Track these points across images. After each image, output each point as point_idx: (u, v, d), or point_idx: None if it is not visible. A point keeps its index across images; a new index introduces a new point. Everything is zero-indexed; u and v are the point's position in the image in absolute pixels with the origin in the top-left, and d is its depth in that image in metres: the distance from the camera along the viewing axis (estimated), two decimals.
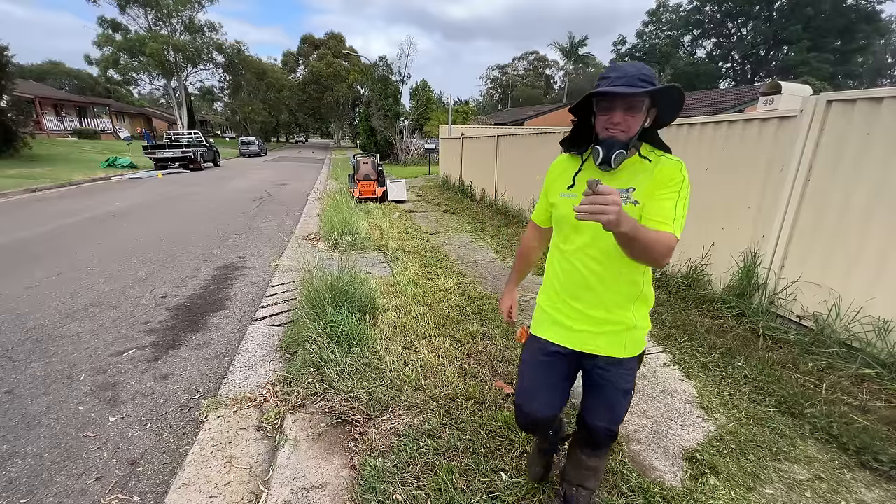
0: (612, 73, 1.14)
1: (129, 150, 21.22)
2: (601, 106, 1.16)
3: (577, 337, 1.35)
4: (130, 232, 6.38)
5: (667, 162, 1.18)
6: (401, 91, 25.82)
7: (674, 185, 1.14)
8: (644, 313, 1.33)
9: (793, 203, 3.09)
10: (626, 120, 1.13)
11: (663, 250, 1.07)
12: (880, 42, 36.10)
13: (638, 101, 1.12)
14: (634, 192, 1.18)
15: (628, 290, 1.28)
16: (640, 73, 1.09)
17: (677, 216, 1.12)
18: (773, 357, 2.75)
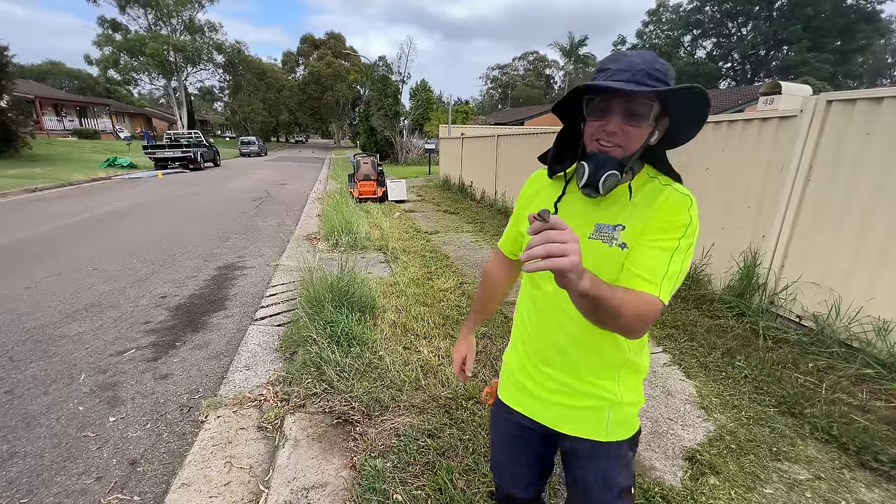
0: (613, 63, 0.82)
1: (129, 150, 21.22)
2: (594, 107, 0.84)
3: (547, 411, 1.03)
4: (130, 232, 6.38)
5: (672, 195, 0.85)
6: (401, 91, 25.83)
7: (675, 229, 0.82)
8: (633, 385, 1.01)
9: (793, 203, 3.09)
10: (624, 130, 0.81)
11: (636, 319, 0.76)
12: (880, 42, 36.09)
13: (643, 105, 0.80)
14: (623, 230, 0.87)
15: (611, 354, 0.95)
16: (652, 68, 0.78)
17: (669, 274, 0.80)
18: (773, 357, 2.75)
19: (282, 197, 10.44)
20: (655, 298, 0.80)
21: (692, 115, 0.84)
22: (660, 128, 0.86)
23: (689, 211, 0.84)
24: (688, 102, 0.81)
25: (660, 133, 0.87)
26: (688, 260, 0.84)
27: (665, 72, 0.80)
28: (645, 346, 1.03)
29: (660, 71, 0.79)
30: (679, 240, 0.83)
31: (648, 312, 0.79)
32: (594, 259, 0.87)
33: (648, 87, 0.77)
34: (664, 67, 0.81)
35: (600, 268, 0.85)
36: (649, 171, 0.92)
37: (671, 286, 0.82)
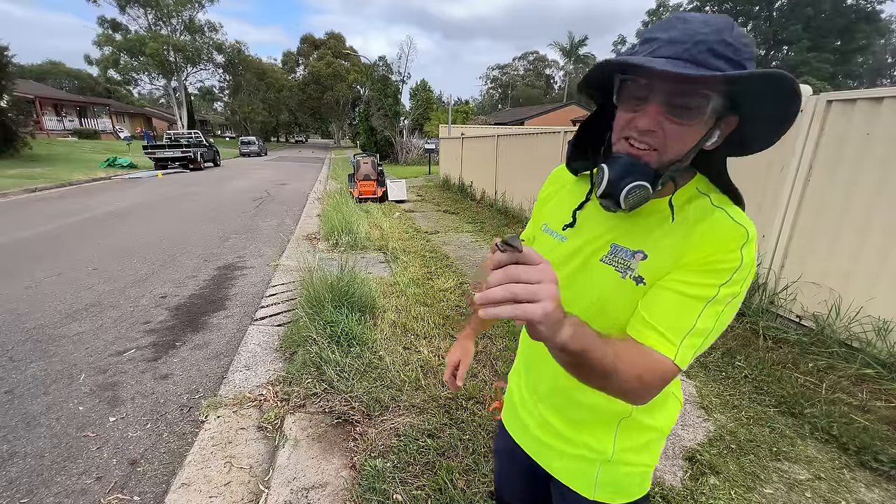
0: (663, 31, 0.58)
1: (129, 150, 21.21)
2: (626, 92, 0.62)
3: (537, 448, 0.89)
4: (130, 232, 6.38)
5: (721, 223, 0.63)
6: (401, 91, 25.83)
7: (717, 271, 0.61)
8: (638, 444, 0.80)
9: (793, 203, 3.09)
10: (665, 128, 0.59)
11: (636, 383, 0.58)
12: (880, 42, 36.11)
13: (698, 96, 0.57)
14: (644, 260, 0.67)
15: (607, 405, 0.74)
16: (719, 40, 0.54)
17: (695, 331, 0.61)
18: (773, 357, 2.75)
19: (282, 197, 10.44)
20: (668, 361, 0.60)
21: (773, 111, 0.59)
22: (723, 127, 0.62)
23: (742, 249, 0.60)
24: (768, 94, 0.56)
25: (722, 134, 0.62)
26: (728, 317, 0.62)
27: (740, 47, 0.55)
28: (666, 401, 0.81)
29: (731, 46, 0.54)
30: (719, 287, 0.60)
31: (654, 378, 0.60)
32: (599, 290, 0.71)
33: (709, 71, 0.53)
34: (739, 40, 0.55)
35: (605, 303, 0.70)
36: (700, 183, 0.69)
37: (695, 348, 0.61)
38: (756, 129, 0.63)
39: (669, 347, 0.60)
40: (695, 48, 0.54)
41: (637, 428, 0.79)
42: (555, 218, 0.81)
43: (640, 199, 0.63)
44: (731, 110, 0.61)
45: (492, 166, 8.80)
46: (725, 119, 0.61)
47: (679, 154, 0.61)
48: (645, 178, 0.61)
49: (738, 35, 0.56)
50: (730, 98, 0.59)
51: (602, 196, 0.66)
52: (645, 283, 0.66)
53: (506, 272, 0.47)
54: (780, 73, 0.52)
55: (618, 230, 0.71)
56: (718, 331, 0.63)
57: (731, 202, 0.67)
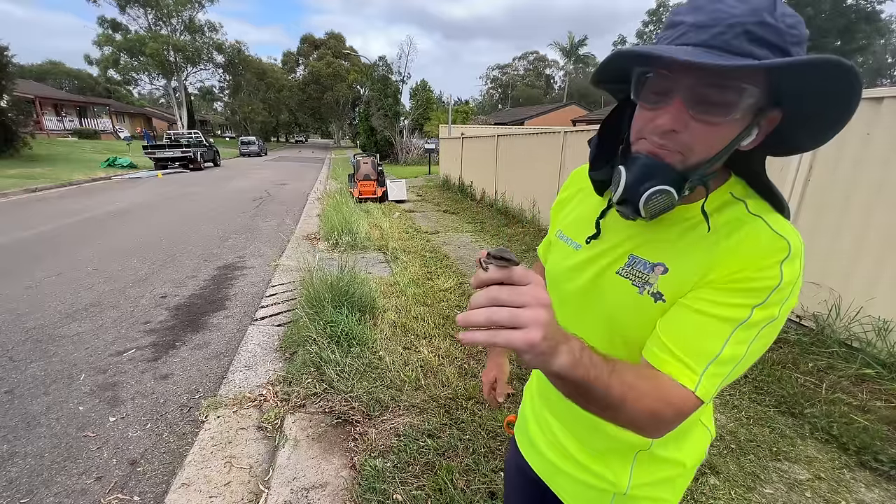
0: (690, 14, 0.50)
1: (129, 150, 21.22)
2: (646, 87, 0.55)
3: (546, 469, 0.83)
4: (130, 232, 6.38)
5: (759, 234, 0.54)
6: (401, 91, 25.84)
7: (751, 291, 0.52)
8: (657, 479, 0.72)
9: (793, 203, 3.09)
10: (689, 126, 0.52)
11: (649, 417, 0.51)
12: (880, 42, 36.12)
13: (730, 88, 0.49)
14: (666, 274, 0.59)
15: (625, 436, 0.63)
16: (758, 21, 0.46)
17: (721, 359, 0.53)
18: (773, 357, 2.74)
19: (282, 197, 10.44)
20: (687, 393, 0.52)
21: (826, 106, 0.50)
22: (763, 123, 0.53)
23: (783, 266, 0.51)
24: (819, 85, 0.47)
25: (762, 132, 0.54)
26: (760, 343, 0.53)
27: (783, 29, 0.46)
28: (691, 432, 0.72)
29: (773, 27, 0.46)
30: (753, 308, 0.52)
31: (670, 412, 0.52)
32: (612, 305, 0.64)
33: (742, 60, 0.45)
34: (784, 20, 0.47)
35: (618, 321, 0.63)
36: (735, 187, 0.60)
37: (720, 378, 0.53)
38: (804, 126, 0.54)
39: (690, 377, 0.52)
40: (729, 32, 0.46)
41: (657, 461, 0.71)
42: (570, 224, 0.75)
43: (664, 205, 0.55)
44: (774, 104, 0.52)
45: (492, 166, 8.80)
46: (767, 114, 0.52)
47: (707, 156, 0.53)
48: (668, 181, 0.53)
49: (782, 14, 0.46)
50: (772, 90, 0.50)
51: (619, 203, 0.59)
52: (665, 300, 0.58)
53: (487, 294, 0.41)
54: (835, 59, 0.43)
55: (637, 239, 0.63)
56: (750, 360, 0.54)
57: (771, 209, 0.57)
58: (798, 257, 0.52)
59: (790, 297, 0.53)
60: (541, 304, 0.41)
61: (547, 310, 0.42)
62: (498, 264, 0.42)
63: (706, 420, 0.74)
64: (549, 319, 0.42)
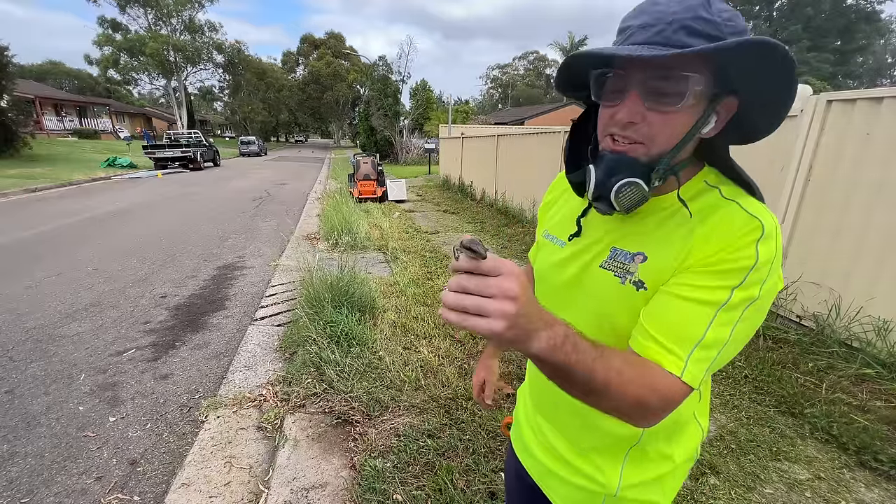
0: (635, 17, 0.56)
1: (129, 150, 21.21)
2: (603, 87, 0.59)
3: (538, 471, 0.83)
4: (130, 232, 6.38)
5: (732, 216, 0.56)
6: (401, 91, 25.83)
7: (728, 272, 0.53)
8: (645, 478, 0.71)
9: (793, 203, 3.09)
10: (647, 119, 0.55)
11: (635, 405, 0.52)
12: (880, 42, 36.15)
13: (676, 79, 0.52)
14: (644, 263, 0.61)
15: (615, 430, 0.69)
16: (694, 16, 0.50)
17: (705, 343, 0.53)
18: (774, 357, 2.75)
19: (282, 197, 10.44)
20: (673, 379, 0.53)
21: (771, 91, 0.54)
22: (720, 111, 0.56)
23: (759, 245, 0.53)
24: (758, 68, 0.51)
25: (721, 119, 0.57)
26: (748, 326, 0.55)
27: (720, 21, 0.50)
28: (685, 428, 0.72)
29: (710, 21, 0.50)
30: (732, 290, 0.52)
31: (657, 399, 0.52)
32: (597, 298, 0.66)
33: (681, 49, 0.48)
34: (720, 14, 0.51)
35: (603, 312, 0.65)
36: (709, 175, 0.63)
37: (707, 363, 0.53)
38: (756, 111, 0.57)
39: (675, 362, 0.53)
40: (668, 29, 0.51)
41: (647, 458, 0.71)
42: (556, 224, 0.78)
43: (635, 197, 0.57)
44: (729, 92, 0.55)
45: (492, 166, 8.80)
46: (722, 102, 0.56)
47: (669, 145, 0.56)
48: (634, 173, 0.56)
49: (718, 10, 0.51)
50: (722, 78, 0.54)
51: (594, 199, 0.62)
52: (646, 288, 0.59)
53: (458, 282, 0.44)
54: (762, 39, 0.46)
55: (618, 233, 0.65)
56: (737, 343, 0.55)
57: (744, 193, 0.59)
58: (772, 237, 0.54)
59: (770, 278, 0.54)
60: (506, 297, 0.43)
61: (513, 301, 0.43)
62: (467, 254, 0.44)
63: (700, 417, 0.75)
64: (515, 311, 0.43)
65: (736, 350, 0.56)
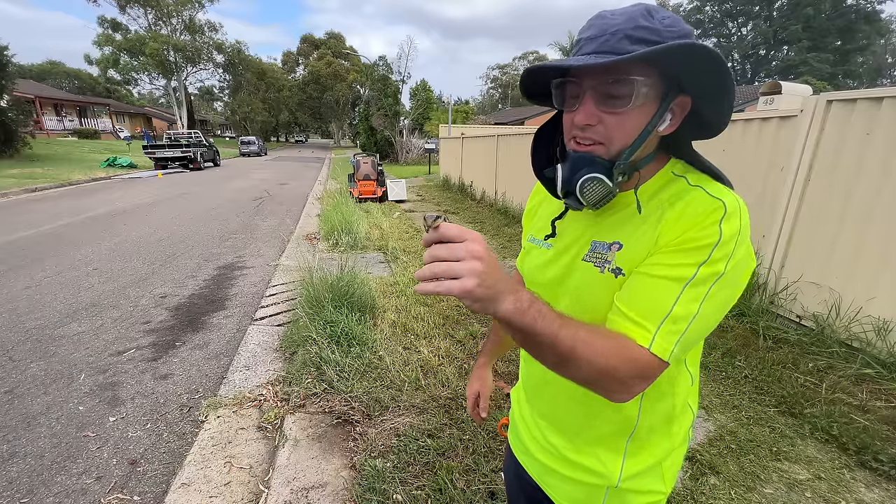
0: (585, 31, 0.61)
1: (129, 150, 21.23)
2: (563, 95, 0.63)
3: (537, 470, 0.84)
4: (130, 232, 6.38)
5: (697, 199, 0.60)
6: (401, 91, 25.83)
7: (693, 250, 0.56)
8: (649, 466, 0.73)
9: (793, 203, 3.09)
10: (602, 119, 0.59)
11: (604, 374, 0.55)
12: (880, 42, 36.15)
13: (623, 83, 0.57)
14: (621, 249, 0.64)
15: (612, 418, 0.71)
16: (634, 26, 0.55)
17: (673, 316, 0.56)
18: (773, 357, 2.74)
19: (282, 197, 10.44)
20: (642, 350, 0.55)
21: (712, 87, 0.57)
22: (675, 109, 0.61)
23: (722, 224, 0.55)
24: (699, 70, 0.55)
25: (677, 116, 0.61)
26: (717, 301, 0.57)
27: (660, 28, 0.55)
28: (682, 414, 0.74)
29: (650, 28, 0.55)
30: (698, 266, 0.55)
31: (627, 368, 0.55)
32: (578, 288, 0.69)
33: (620, 56, 0.53)
34: (660, 22, 0.56)
35: (584, 299, 0.68)
36: (675, 166, 0.67)
37: (677, 335, 0.56)
38: (706, 107, 0.61)
39: (644, 335, 0.56)
40: (612, 38, 0.56)
41: (647, 445, 0.73)
42: (539, 228, 0.81)
43: (601, 192, 0.61)
44: (680, 91, 0.59)
45: (492, 166, 8.80)
46: (675, 100, 0.60)
47: (626, 142, 0.60)
48: (596, 170, 0.60)
49: (660, 18, 0.56)
50: (669, 79, 0.58)
51: (564, 196, 0.66)
52: (624, 274, 0.63)
53: (429, 252, 0.49)
54: (687, 43, 0.51)
55: (596, 227, 0.69)
56: (708, 318, 0.57)
57: (710, 180, 0.64)
58: (735, 215, 0.57)
59: (735, 253, 0.56)
60: (474, 257, 0.47)
61: (480, 261, 0.47)
62: (432, 225, 0.49)
63: (692, 401, 0.77)
64: (482, 269, 0.47)
65: (707, 326, 0.58)
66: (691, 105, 0.61)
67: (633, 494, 0.73)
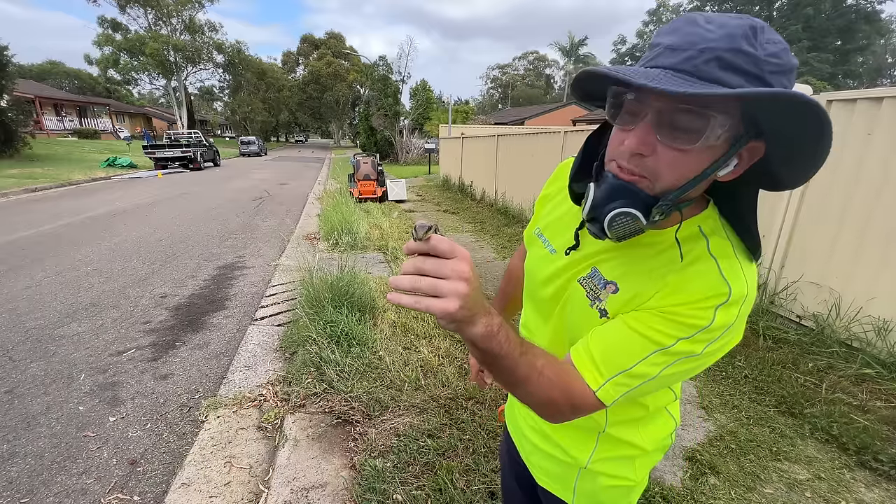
0: (668, 35, 0.49)
1: (129, 150, 21.22)
2: (617, 107, 0.53)
3: (525, 443, 0.86)
4: (130, 232, 6.38)
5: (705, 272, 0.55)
6: (401, 91, 25.83)
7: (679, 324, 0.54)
8: (614, 455, 0.74)
9: (793, 203, 3.09)
10: (657, 150, 0.50)
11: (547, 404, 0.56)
12: (880, 42, 36.14)
13: (697, 115, 0.47)
14: (616, 293, 0.61)
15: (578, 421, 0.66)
16: (733, 47, 0.45)
17: (631, 372, 0.55)
18: (774, 357, 2.75)
19: (282, 197, 10.44)
20: (589, 392, 0.56)
21: (800, 145, 0.49)
22: (744, 155, 0.51)
23: (718, 311, 0.52)
24: (793, 122, 0.46)
25: (743, 164, 0.52)
26: (676, 373, 0.56)
27: (761, 57, 0.45)
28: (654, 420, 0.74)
29: (750, 56, 0.44)
30: (678, 340, 0.53)
31: (565, 403, 0.56)
32: (568, 310, 0.68)
33: (708, 90, 0.43)
34: (762, 48, 0.45)
35: (569, 323, 0.68)
36: (706, 222, 0.59)
37: (625, 388, 0.56)
38: (784, 160, 0.51)
39: (596, 379, 0.56)
40: (699, 57, 0.45)
41: (614, 442, 0.74)
42: (549, 224, 0.75)
43: (630, 229, 0.54)
44: (756, 135, 0.50)
45: (492, 166, 8.80)
46: (746, 145, 0.50)
47: (676, 184, 0.51)
48: (634, 205, 0.52)
49: (765, 41, 0.45)
50: (750, 120, 0.48)
51: (588, 221, 0.58)
52: (608, 317, 0.61)
53: (414, 263, 0.46)
54: (799, 96, 0.41)
55: (604, 255, 0.64)
56: (661, 384, 0.57)
57: (731, 253, 0.56)
58: (737, 304, 0.53)
59: (720, 340, 0.54)
60: (460, 278, 0.45)
61: (466, 282, 0.45)
62: (424, 237, 0.45)
63: (672, 410, 0.77)
64: (468, 292, 0.45)
65: (659, 387, 0.58)
66: (764, 153, 0.51)
67: (602, 476, 0.75)
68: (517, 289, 0.93)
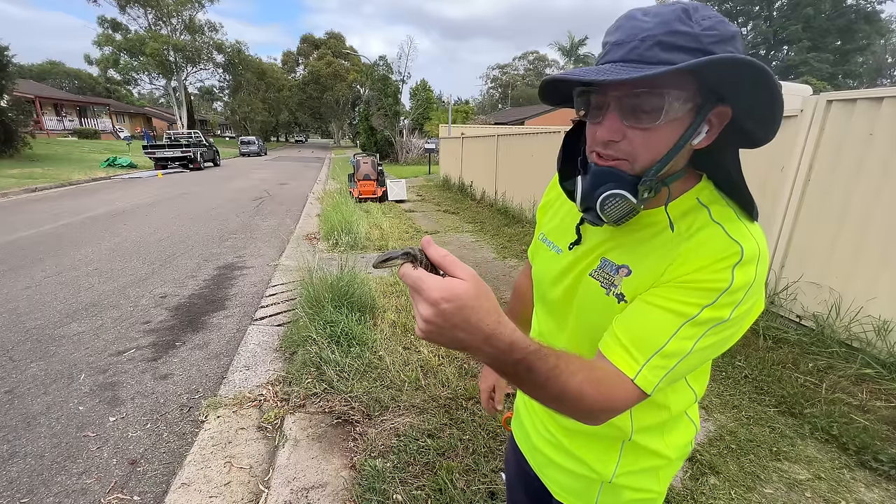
0: (612, 34, 0.55)
1: (129, 150, 21.21)
2: (585, 105, 0.58)
3: (537, 455, 0.84)
4: (130, 232, 6.38)
5: (713, 238, 0.56)
6: (401, 90, 25.82)
7: (700, 291, 0.54)
8: (640, 467, 0.73)
9: (793, 203, 3.09)
10: (627, 134, 0.54)
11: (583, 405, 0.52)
12: (880, 42, 36.15)
13: (652, 96, 0.51)
14: (629, 276, 0.62)
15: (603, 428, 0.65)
16: (668, 31, 0.49)
17: (666, 352, 0.54)
18: (774, 357, 2.74)
19: (281, 197, 10.44)
20: (627, 382, 0.54)
21: (758, 101, 0.52)
22: (713, 120, 0.54)
23: (735, 270, 0.52)
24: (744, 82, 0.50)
25: (715, 128, 0.55)
26: (712, 345, 0.55)
27: (698, 33, 0.48)
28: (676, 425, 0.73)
29: (687, 34, 0.48)
30: (702, 308, 0.53)
31: (600, 399, 0.52)
32: (585, 307, 0.67)
33: (654, 70, 0.47)
34: (698, 24, 0.49)
35: (591, 322, 0.66)
36: (703, 192, 0.61)
37: (664, 370, 0.54)
38: (748, 115, 0.54)
39: (631, 366, 0.54)
40: (641, 45, 0.50)
41: (640, 452, 0.72)
42: (553, 228, 0.77)
43: (623, 209, 0.57)
44: (719, 100, 0.53)
45: (492, 166, 8.80)
46: (713, 110, 0.53)
47: (653, 159, 0.55)
48: (620, 186, 0.55)
49: (698, 19, 0.49)
50: (707, 88, 0.52)
51: (583, 211, 0.62)
52: (626, 301, 0.61)
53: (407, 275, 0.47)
54: (731, 57, 0.46)
55: (610, 243, 0.65)
56: (700, 357, 0.55)
57: (734, 217, 0.58)
58: (752, 262, 0.53)
59: (745, 302, 0.54)
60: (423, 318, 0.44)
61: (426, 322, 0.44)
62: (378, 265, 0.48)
63: (692, 414, 0.76)
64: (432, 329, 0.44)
65: (698, 363, 0.57)
66: (731, 116, 0.55)
67: (627, 490, 0.73)
68: (527, 307, 0.94)
